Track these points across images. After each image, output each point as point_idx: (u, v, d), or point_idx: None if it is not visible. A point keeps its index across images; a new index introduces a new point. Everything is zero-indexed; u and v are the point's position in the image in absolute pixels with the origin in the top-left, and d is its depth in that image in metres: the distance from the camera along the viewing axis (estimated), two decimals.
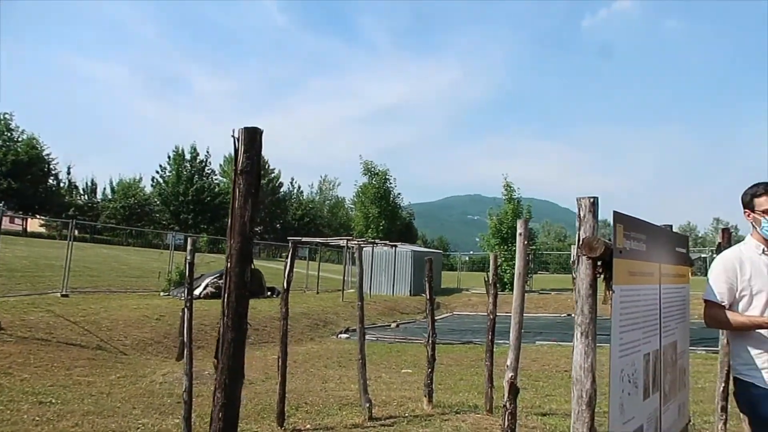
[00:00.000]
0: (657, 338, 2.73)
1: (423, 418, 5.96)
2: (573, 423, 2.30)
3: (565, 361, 10.27)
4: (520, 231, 4.49)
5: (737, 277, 3.09)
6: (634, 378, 2.41)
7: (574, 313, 2.35)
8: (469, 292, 26.66)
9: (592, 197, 2.39)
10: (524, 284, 4.50)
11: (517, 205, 29.01)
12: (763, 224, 3.08)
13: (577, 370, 2.33)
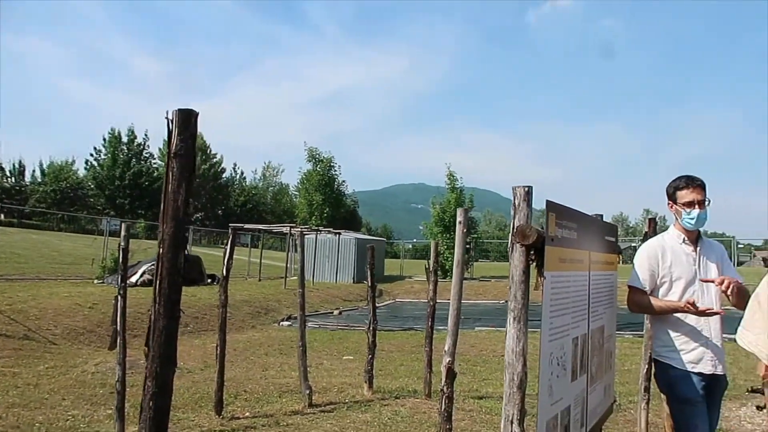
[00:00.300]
0: (585, 323, 2.84)
1: (363, 403, 6.01)
2: (504, 405, 2.38)
3: (502, 346, 10.51)
4: (459, 219, 4.57)
5: (659, 265, 3.26)
6: (562, 361, 2.51)
7: (508, 299, 2.43)
8: (411, 280, 26.97)
9: (527, 186, 2.46)
10: (463, 272, 4.59)
11: (459, 194, 29.47)
12: (683, 216, 3.25)
13: (510, 354, 2.41)
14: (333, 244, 25.33)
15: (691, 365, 3.10)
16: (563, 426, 2.53)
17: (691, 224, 3.23)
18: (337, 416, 5.52)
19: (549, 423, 2.37)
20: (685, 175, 3.33)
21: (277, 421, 5.25)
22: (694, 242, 3.30)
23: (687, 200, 3.23)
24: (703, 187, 3.26)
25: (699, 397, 3.06)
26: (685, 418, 3.07)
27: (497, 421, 5.53)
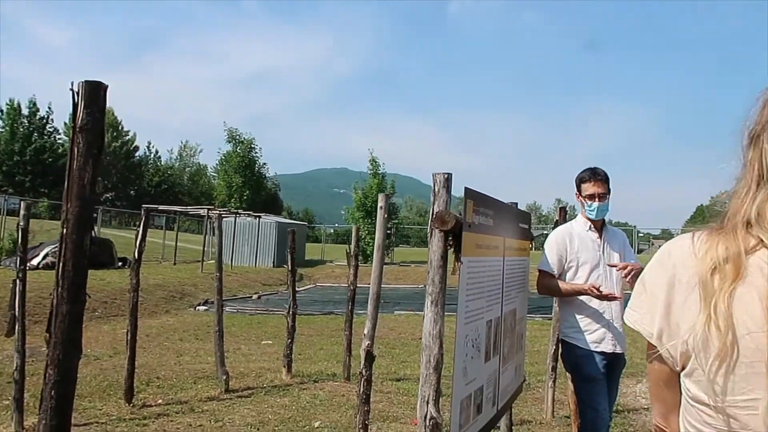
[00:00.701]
0: (499, 306, 2.95)
1: (281, 388, 5.98)
2: (421, 386, 2.44)
3: (420, 330, 10.70)
4: (381, 205, 4.60)
5: (567, 250, 3.45)
6: (477, 343, 2.60)
7: (426, 284, 2.48)
8: (332, 264, 26.96)
9: (447, 173, 2.51)
10: (384, 256, 4.63)
11: (381, 179, 29.68)
12: (586, 207, 3.46)
13: (427, 336, 2.47)
14: (253, 227, 24.85)
15: (594, 345, 3.30)
16: (476, 405, 2.62)
17: (592, 215, 3.44)
18: (254, 401, 5.46)
19: (463, 402, 2.45)
20: (590, 168, 3.53)
21: (191, 408, 5.12)
22: (600, 230, 3.51)
23: (588, 193, 3.44)
24: (604, 181, 3.46)
25: (601, 375, 3.27)
26: (587, 394, 3.27)
27: (414, 402, 5.65)
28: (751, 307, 0.81)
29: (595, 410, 3.22)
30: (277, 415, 5.06)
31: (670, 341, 0.91)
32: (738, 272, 0.83)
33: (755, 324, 0.80)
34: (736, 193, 0.91)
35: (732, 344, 0.81)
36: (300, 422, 4.89)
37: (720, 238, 0.87)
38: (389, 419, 5.08)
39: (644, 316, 0.95)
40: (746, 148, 0.93)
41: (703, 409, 0.88)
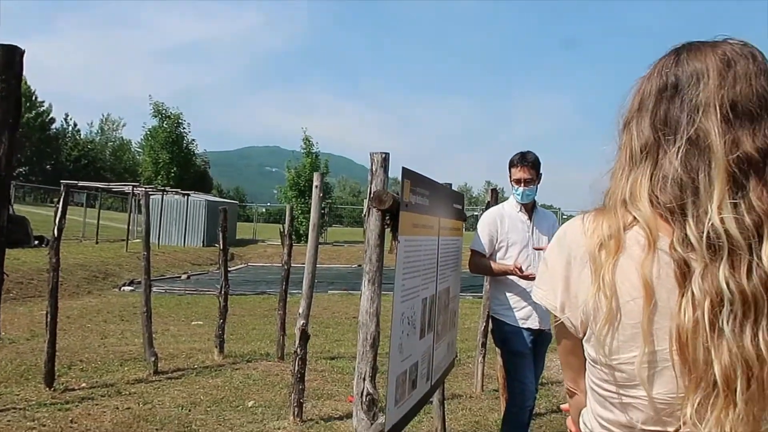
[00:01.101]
0: (434, 284, 3.02)
1: (213, 368, 5.89)
2: (358, 363, 2.47)
3: (354, 309, 10.86)
4: (316, 184, 4.57)
5: (497, 231, 3.57)
6: (413, 320, 2.65)
7: (364, 262, 2.49)
8: (264, 244, 26.59)
9: (384, 153, 2.52)
10: (318, 236, 4.61)
11: (315, 159, 29.43)
12: (513, 190, 3.59)
13: (364, 314, 2.49)
14: (181, 205, 24.09)
15: (521, 321, 3.44)
16: (411, 381, 2.69)
17: (518, 199, 3.57)
18: (185, 382, 5.35)
19: (399, 378, 2.50)
20: (520, 152, 3.62)
21: (118, 391, 4.96)
22: (530, 212, 3.64)
23: (515, 177, 3.56)
24: (532, 167, 3.56)
25: (527, 350, 3.42)
26: (515, 367, 3.42)
27: (348, 380, 5.72)
28: (631, 276, 0.91)
29: (521, 383, 3.37)
30: (209, 395, 4.99)
31: (571, 312, 1.01)
32: (619, 246, 0.93)
33: (635, 290, 0.91)
34: (613, 174, 1.02)
35: (617, 309, 0.92)
36: (233, 402, 4.84)
37: (604, 217, 0.97)
38: (324, 397, 5.11)
39: (548, 291, 1.05)
40: (620, 133, 1.04)
41: (599, 368, 0.98)
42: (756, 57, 0.94)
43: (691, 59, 0.97)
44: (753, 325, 0.84)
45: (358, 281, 10.04)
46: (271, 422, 4.39)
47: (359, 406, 2.43)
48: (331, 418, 4.55)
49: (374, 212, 2.42)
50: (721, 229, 0.85)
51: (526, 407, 3.38)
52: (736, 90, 0.91)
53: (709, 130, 0.90)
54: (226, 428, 4.25)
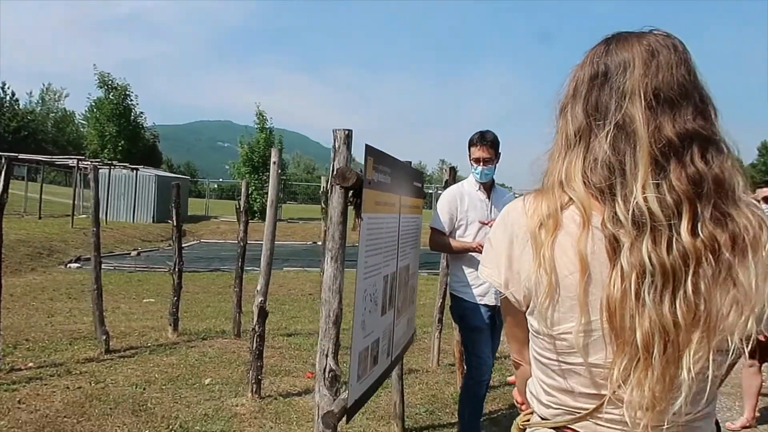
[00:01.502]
0: (395, 262, 3.05)
1: (168, 346, 5.80)
2: (320, 340, 2.47)
3: (310, 286, 10.86)
4: (274, 160, 4.51)
5: (457, 209, 3.61)
6: (375, 297, 2.67)
7: (326, 240, 2.49)
8: (217, 220, 26.14)
9: (347, 130, 2.51)
10: (277, 212, 4.57)
11: (269, 134, 28.92)
12: (472, 169, 3.63)
13: (326, 291, 2.49)
14: (130, 180, 23.36)
15: (479, 298, 3.52)
16: (373, 357, 2.72)
17: (477, 178, 3.62)
18: (139, 360, 5.26)
19: (361, 354, 2.53)
20: (480, 132, 3.64)
21: (68, 370, 4.83)
22: (488, 190, 3.70)
23: (474, 157, 3.60)
24: (491, 146, 3.60)
25: (485, 326, 3.51)
26: (472, 343, 3.50)
27: (306, 356, 5.75)
28: (569, 252, 0.98)
29: (479, 358, 3.46)
30: (164, 373, 4.92)
31: (514, 288, 1.07)
32: (557, 225, 1.00)
33: (572, 265, 0.97)
34: (551, 156, 1.08)
35: (556, 284, 0.99)
36: (189, 380, 4.79)
37: (543, 197, 1.04)
38: (281, 373, 5.12)
39: (493, 269, 1.12)
40: (557, 117, 1.10)
41: (542, 338, 1.06)
42: (677, 48, 1.01)
43: (619, 49, 1.03)
44: (671, 294, 0.92)
45: (314, 258, 10.19)
46: (229, 399, 4.38)
47: (322, 382, 2.45)
48: (289, 394, 4.56)
49: (337, 189, 2.41)
50: (644, 207, 0.92)
51: (483, 381, 3.48)
52: (658, 78, 0.98)
53: (635, 115, 0.97)
54: (182, 406, 4.21)
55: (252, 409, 4.19)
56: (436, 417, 4.31)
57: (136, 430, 3.75)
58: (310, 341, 6.37)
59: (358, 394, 2.54)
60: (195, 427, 3.83)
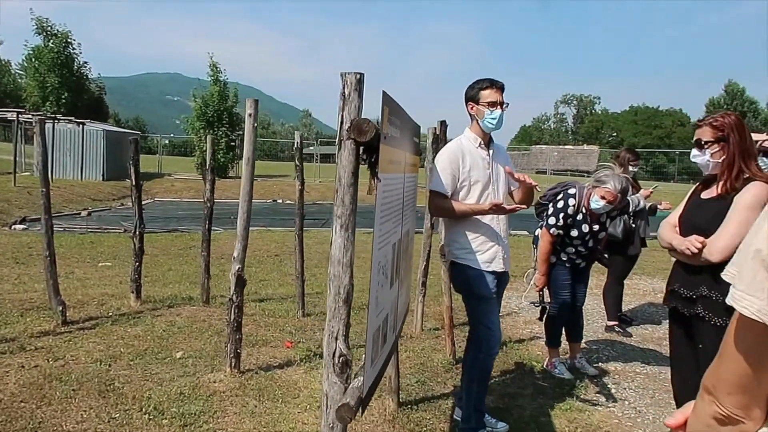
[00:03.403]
0: (400, 228, 2.72)
1: (131, 315, 5.36)
2: (329, 321, 2.14)
3: (275, 246, 10.47)
4: (249, 112, 4.06)
5: (459, 169, 3.28)
6: (385, 270, 2.35)
7: (334, 203, 2.12)
8: (171, 178, 25.11)
9: (358, 73, 2.11)
10: (253, 170, 4.15)
11: (223, 87, 27.70)
12: (486, 115, 3.27)
13: (336, 265, 2.14)
14: (76, 136, 22.03)
15: (486, 265, 3.24)
16: (383, 335, 2.41)
17: (492, 124, 3.28)
18: (100, 333, 4.82)
19: (375, 335, 2.22)
20: (486, 78, 3.34)
21: (21, 346, 4.36)
22: (488, 146, 3.38)
23: (491, 100, 3.26)
24: (503, 90, 3.31)
25: (492, 294, 3.24)
26: (481, 312, 3.24)
27: (281, 324, 5.43)
28: None
29: (488, 328, 3.20)
30: (130, 347, 4.51)
31: None
32: None
33: None
34: None
35: None
36: (159, 354, 4.41)
37: None
38: (259, 343, 4.79)
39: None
40: None
41: None
42: None
43: None
44: None
45: (275, 217, 9.75)
46: (206, 375, 4.03)
47: (331, 368, 2.13)
48: (270, 367, 4.25)
49: (349, 145, 2.03)
50: None
51: (493, 354, 3.24)
52: None
53: None
54: (154, 384, 3.84)
55: (232, 386, 3.85)
56: (428, 388, 4.09)
57: (104, 413, 3.37)
58: (284, 307, 6.04)
59: (371, 379, 2.24)
60: (171, 409, 3.48)
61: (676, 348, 2.94)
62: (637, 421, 3.78)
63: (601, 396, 4.15)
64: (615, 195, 3.98)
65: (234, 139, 27.02)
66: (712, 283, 2.65)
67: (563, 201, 4.17)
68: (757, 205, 2.58)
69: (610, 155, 42.39)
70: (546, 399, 4.01)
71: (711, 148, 2.73)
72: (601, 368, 4.69)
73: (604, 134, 74.36)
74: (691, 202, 2.90)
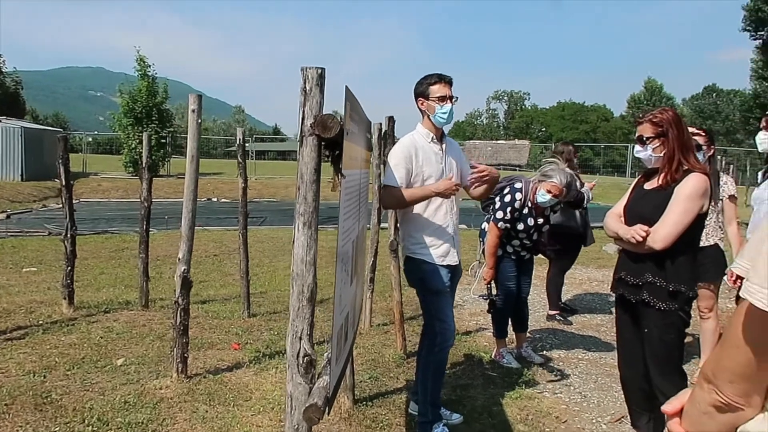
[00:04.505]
0: (358, 224, 2.70)
1: (64, 323, 5.08)
2: (292, 321, 2.09)
3: (213, 246, 10.21)
4: (193, 107, 3.92)
5: (413, 164, 3.29)
6: (347, 266, 2.32)
7: (296, 201, 2.07)
8: (98, 177, 23.96)
9: (319, 68, 2.07)
10: (198, 168, 4.01)
11: (152, 82, 26.64)
12: (437, 110, 3.29)
13: (299, 264, 2.09)
14: None
15: (440, 259, 3.27)
16: (344, 332, 2.39)
17: (444, 119, 3.30)
18: (31, 342, 4.53)
19: (339, 334, 2.19)
20: (434, 73, 3.37)
21: None
22: (440, 140, 3.41)
23: (440, 94, 3.28)
24: (452, 84, 3.34)
25: (446, 288, 3.27)
26: (436, 306, 3.26)
27: (227, 325, 5.29)
28: None
29: (442, 321, 3.23)
30: (65, 356, 4.27)
31: None
32: None
33: None
34: None
35: None
36: (98, 362, 4.19)
37: None
38: (205, 347, 4.64)
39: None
40: None
41: None
42: None
43: None
44: None
45: (211, 216, 9.53)
46: (151, 381, 3.86)
47: (295, 369, 2.08)
48: (219, 370, 4.13)
49: (311, 141, 1.99)
50: None
51: (448, 346, 3.28)
52: None
53: None
54: (95, 394, 3.65)
55: (180, 392, 3.71)
56: (381, 383, 4.09)
57: (43, 428, 3.18)
58: (228, 308, 5.90)
59: (335, 378, 2.21)
60: (116, 419, 3.32)
61: (622, 333, 3.06)
62: (583, 405, 3.92)
63: (548, 383, 4.28)
64: (560, 189, 4.11)
65: (165, 136, 26.08)
66: (656, 269, 2.78)
67: (510, 195, 4.26)
68: (695, 195, 2.73)
69: (540, 149, 43.88)
70: (496, 388, 4.10)
71: (652, 144, 2.86)
72: (546, 356, 4.84)
73: (534, 129, 76.77)
74: (634, 193, 3.02)
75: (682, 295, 2.76)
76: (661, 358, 2.83)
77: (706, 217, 2.91)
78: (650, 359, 2.86)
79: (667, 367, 2.82)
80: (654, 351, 2.84)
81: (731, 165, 19.57)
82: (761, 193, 3.42)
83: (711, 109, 67.21)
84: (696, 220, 2.74)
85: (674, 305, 2.76)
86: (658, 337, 2.82)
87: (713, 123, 63.11)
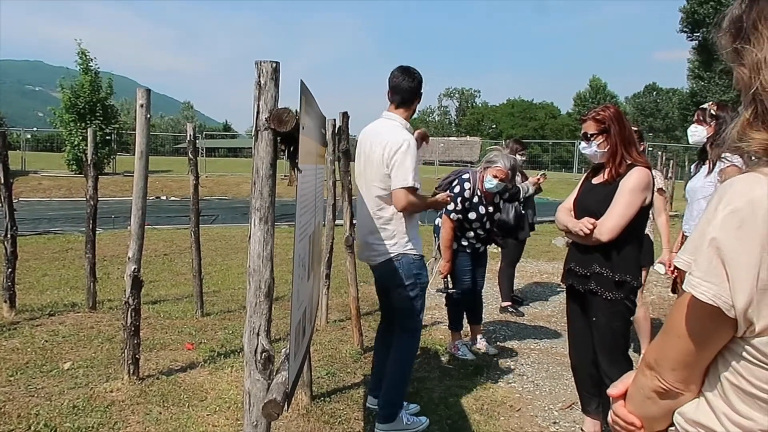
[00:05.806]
0: (314, 219, 2.70)
1: (6, 327, 4.86)
2: (249, 317, 2.07)
3: (163, 245, 9.96)
4: (141, 102, 3.82)
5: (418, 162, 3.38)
6: (304, 262, 2.32)
7: (251, 196, 2.05)
8: (38, 175, 22.99)
9: (274, 62, 2.06)
10: (147, 165, 3.90)
11: (95, 77, 25.70)
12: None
13: (255, 259, 2.07)
14: None
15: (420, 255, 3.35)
16: (302, 328, 2.38)
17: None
18: None
19: (297, 329, 2.18)
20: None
21: None
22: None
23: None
24: None
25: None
26: (422, 302, 3.34)
27: (179, 325, 5.18)
28: None
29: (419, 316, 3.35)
30: (8, 361, 4.09)
31: (753, 311, 0.80)
32: None
33: None
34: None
35: None
36: (43, 366, 4.03)
37: None
38: (157, 347, 4.53)
39: (721, 286, 0.82)
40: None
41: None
42: None
43: None
44: None
45: (161, 215, 9.30)
46: (100, 385, 3.74)
47: (253, 365, 2.06)
48: (172, 371, 4.04)
49: (266, 136, 1.98)
50: None
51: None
52: None
53: None
54: (41, 399, 3.51)
55: (132, 394, 3.62)
56: (339, 379, 4.09)
57: None
58: (179, 307, 5.78)
59: (294, 373, 2.20)
60: (65, 424, 3.21)
61: (573, 323, 3.17)
62: (536, 393, 4.04)
63: (502, 373, 4.38)
64: (506, 172, 4.22)
65: (110, 132, 25.24)
66: (603, 260, 2.89)
67: (459, 186, 4.34)
68: (638, 188, 2.84)
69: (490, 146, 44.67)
70: (452, 380, 4.17)
71: (596, 140, 2.97)
72: (500, 347, 4.95)
73: (484, 126, 78.03)
74: (583, 188, 3.13)
75: (627, 284, 2.87)
76: (608, 345, 2.94)
77: (650, 208, 3.04)
78: (598, 346, 2.97)
79: (614, 354, 2.94)
80: (602, 338, 2.95)
81: (671, 161, 20.45)
82: (694, 184, 3.59)
83: (651, 107, 69.93)
84: (640, 212, 2.86)
85: (620, 294, 2.87)
86: (606, 325, 2.93)
87: (654, 120, 65.74)
